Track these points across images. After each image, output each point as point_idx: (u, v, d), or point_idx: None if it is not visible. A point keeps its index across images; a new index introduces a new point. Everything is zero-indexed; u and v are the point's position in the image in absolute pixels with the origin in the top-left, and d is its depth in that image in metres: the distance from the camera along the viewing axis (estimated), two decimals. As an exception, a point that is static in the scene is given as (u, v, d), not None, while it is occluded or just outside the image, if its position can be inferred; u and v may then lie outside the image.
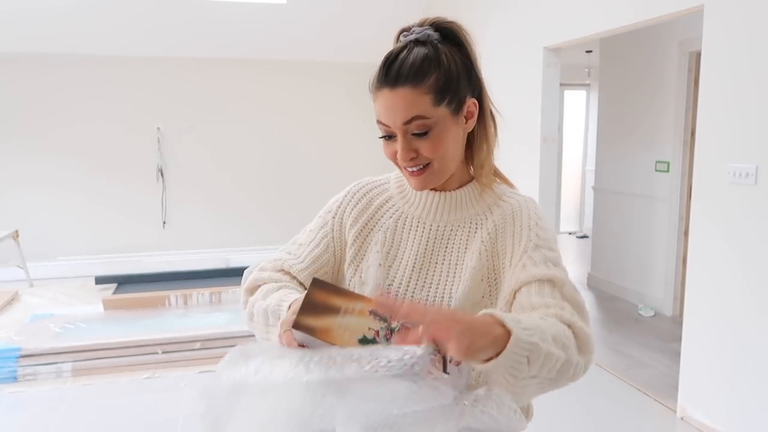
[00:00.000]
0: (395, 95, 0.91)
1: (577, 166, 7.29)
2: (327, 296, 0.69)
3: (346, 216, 1.09)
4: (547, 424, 2.55)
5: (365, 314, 0.70)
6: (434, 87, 0.91)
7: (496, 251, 0.98)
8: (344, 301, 0.70)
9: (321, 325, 0.68)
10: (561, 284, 0.91)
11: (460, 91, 0.95)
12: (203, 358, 3.14)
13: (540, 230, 0.97)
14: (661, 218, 4.05)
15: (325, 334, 0.68)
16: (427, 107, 0.91)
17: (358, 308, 0.70)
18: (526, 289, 0.91)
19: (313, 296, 0.69)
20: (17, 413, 2.67)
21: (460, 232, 1.02)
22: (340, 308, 0.69)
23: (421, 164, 0.95)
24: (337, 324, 0.69)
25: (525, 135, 3.66)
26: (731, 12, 2.26)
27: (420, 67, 0.91)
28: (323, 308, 0.69)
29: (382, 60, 0.95)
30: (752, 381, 2.26)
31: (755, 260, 2.22)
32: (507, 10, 3.82)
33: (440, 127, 0.93)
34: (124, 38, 4.90)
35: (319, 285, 0.70)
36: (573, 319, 0.85)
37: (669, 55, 3.89)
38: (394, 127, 0.93)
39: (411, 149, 0.94)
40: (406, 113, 0.91)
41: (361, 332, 0.69)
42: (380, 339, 0.69)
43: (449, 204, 1.03)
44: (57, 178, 5.15)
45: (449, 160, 0.97)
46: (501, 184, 1.06)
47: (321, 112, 5.68)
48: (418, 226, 1.04)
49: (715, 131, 2.36)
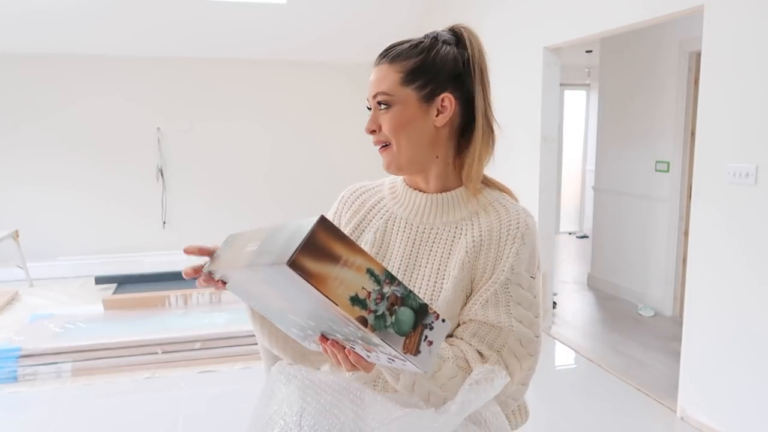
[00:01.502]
0: (376, 71, 0.99)
1: (577, 166, 7.29)
2: (331, 241, 0.64)
3: (342, 218, 1.11)
4: (547, 424, 2.55)
5: (362, 271, 0.66)
6: (407, 68, 0.96)
7: (477, 267, 0.98)
8: (346, 251, 0.65)
9: (317, 271, 0.63)
10: (507, 334, 0.95)
11: (436, 82, 0.97)
12: (203, 358, 3.15)
13: (518, 261, 0.96)
14: (661, 218, 4.05)
15: (320, 282, 0.63)
16: (393, 85, 0.96)
17: (358, 263, 0.66)
18: (472, 324, 0.96)
19: (317, 237, 0.63)
20: (17, 413, 2.67)
21: (445, 236, 1.01)
22: (341, 258, 0.64)
23: (381, 141, 1.00)
24: (334, 275, 0.64)
25: (525, 135, 3.66)
26: (731, 12, 2.26)
27: (404, 50, 0.97)
28: (324, 253, 0.63)
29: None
30: (752, 381, 2.26)
31: (755, 260, 2.22)
32: (507, 9, 3.82)
33: (401, 107, 0.96)
34: (124, 38, 4.90)
35: (324, 226, 0.63)
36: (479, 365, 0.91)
37: (669, 55, 3.89)
38: (369, 100, 1.00)
39: (374, 122, 0.99)
40: (376, 87, 0.98)
41: (355, 290, 0.65)
42: (370, 302, 0.66)
43: (436, 206, 1.03)
44: (57, 178, 5.15)
45: (410, 146, 0.98)
46: (494, 191, 1.05)
47: (321, 112, 5.68)
48: (406, 227, 1.05)
49: (714, 131, 2.36)
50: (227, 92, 5.46)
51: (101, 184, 5.25)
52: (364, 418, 0.82)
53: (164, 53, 5.20)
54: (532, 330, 0.96)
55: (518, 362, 0.95)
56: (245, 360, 3.14)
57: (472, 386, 0.80)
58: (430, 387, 0.89)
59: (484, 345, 0.95)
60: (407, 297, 0.68)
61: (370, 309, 0.66)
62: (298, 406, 0.86)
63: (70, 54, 5.02)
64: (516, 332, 0.95)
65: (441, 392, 0.89)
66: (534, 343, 0.97)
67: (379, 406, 0.83)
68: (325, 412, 0.84)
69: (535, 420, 1.12)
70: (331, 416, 0.83)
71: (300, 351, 1.03)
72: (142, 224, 5.39)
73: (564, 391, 2.95)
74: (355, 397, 0.85)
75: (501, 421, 0.93)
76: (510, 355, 0.95)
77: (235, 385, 2.92)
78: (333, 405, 0.84)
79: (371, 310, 0.66)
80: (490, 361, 0.93)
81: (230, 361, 3.14)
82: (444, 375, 0.89)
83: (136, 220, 5.37)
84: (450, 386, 0.89)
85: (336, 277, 0.64)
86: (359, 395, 0.86)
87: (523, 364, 0.95)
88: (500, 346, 0.95)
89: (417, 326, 0.68)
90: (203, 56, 5.31)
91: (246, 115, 5.52)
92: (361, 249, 0.66)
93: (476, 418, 0.89)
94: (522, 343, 0.95)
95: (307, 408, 0.85)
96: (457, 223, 1.02)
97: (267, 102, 5.56)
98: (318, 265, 0.62)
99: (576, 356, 3.34)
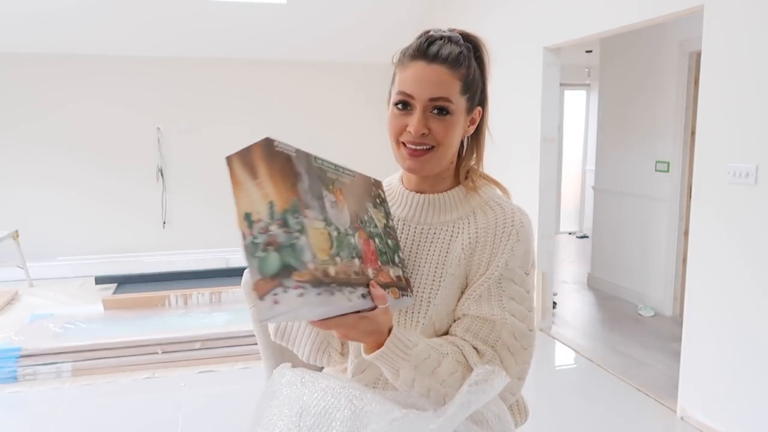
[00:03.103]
0: (431, 70, 0.94)
1: (577, 166, 7.29)
2: (260, 160, 0.72)
3: None
4: (547, 423, 2.55)
5: (265, 199, 0.71)
6: (464, 78, 0.96)
7: (472, 264, 1.00)
8: (266, 175, 0.72)
9: (238, 176, 0.72)
10: (501, 328, 0.96)
11: (476, 95, 1.00)
12: (203, 358, 3.15)
13: (512, 258, 0.98)
14: (661, 218, 4.05)
15: (235, 184, 0.72)
16: (455, 92, 0.95)
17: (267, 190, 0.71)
18: (465, 319, 0.97)
19: (253, 150, 0.72)
20: (17, 413, 2.68)
21: (443, 235, 1.03)
22: (258, 177, 0.72)
23: (427, 144, 0.97)
24: (247, 186, 0.72)
25: (525, 135, 3.65)
26: (731, 12, 2.26)
27: (458, 56, 0.95)
28: (250, 166, 0.72)
29: (421, 36, 0.98)
30: (752, 381, 2.26)
31: (755, 260, 2.22)
32: (507, 10, 3.82)
33: (457, 116, 0.97)
34: (124, 38, 4.90)
35: (264, 146, 0.72)
36: (476, 361, 0.94)
37: (669, 55, 3.89)
38: (418, 98, 0.95)
39: (426, 125, 0.96)
40: (438, 90, 0.94)
41: (251, 209, 0.72)
42: (255, 227, 0.71)
43: (434, 206, 1.05)
44: (57, 178, 5.15)
45: (450, 151, 1.00)
46: (490, 189, 1.07)
47: (321, 111, 5.68)
48: (404, 227, 1.06)
49: (714, 131, 2.36)
50: (227, 92, 5.46)
51: (101, 184, 5.25)
52: (363, 419, 0.82)
53: (164, 53, 5.20)
54: (526, 323, 0.98)
55: (512, 356, 0.96)
56: (245, 360, 3.14)
57: (471, 387, 0.80)
58: (431, 383, 0.89)
59: (479, 340, 0.96)
60: (286, 248, 0.69)
61: (252, 232, 0.70)
62: (298, 407, 0.86)
63: (70, 54, 5.02)
64: (509, 325, 0.96)
65: (441, 388, 0.90)
66: (527, 336, 0.98)
67: (379, 406, 0.83)
68: (325, 413, 0.84)
69: (535, 420, 1.12)
70: (331, 417, 0.83)
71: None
72: (142, 224, 5.39)
73: (564, 391, 2.95)
74: (354, 398, 0.86)
75: (505, 421, 0.93)
76: (504, 349, 0.96)
77: (235, 385, 2.92)
78: (332, 406, 0.85)
79: (252, 233, 0.70)
80: (485, 357, 0.94)
81: (230, 361, 3.14)
82: (444, 371, 0.90)
83: (136, 220, 5.37)
84: (450, 382, 0.90)
85: (246, 189, 0.71)
86: (359, 396, 0.86)
87: (517, 358, 0.96)
88: (494, 341, 0.96)
89: (275, 278, 0.68)
90: (203, 56, 5.31)
91: (246, 115, 5.52)
92: (287, 184, 0.71)
93: (478, 419, 0.90)
94: (516, 337, 0.96)
95: (306, 409, 0.85)
96: (454, 222, 1.03)
97: (267, 102, 5.55)
98: (241, 172, 0.72)
99: (576, 356, 3.34)
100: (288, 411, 0.86)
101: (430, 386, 0.90)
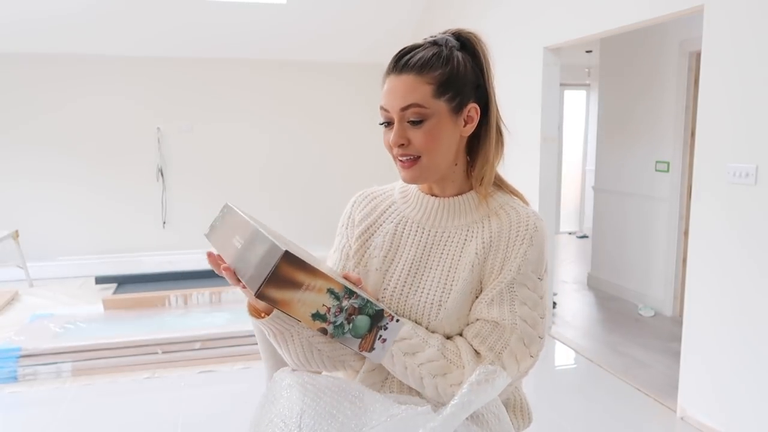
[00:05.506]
0: (399, 81, 0.95)
1: (577, 166, 7.29)
2: (293, 271, 0.75)
3: (354, 220, 1.12)
4: (547, 423, 2.55)
5: (323, 291, 0.77)
6: (437, 79, 0.94)
7: (485, 269, 0.99)
8: (307, 278, 0.76)
9: (282, 298, 0.75)
10: (510, 332, 0.95)
11: (463, 93, 0.97)
12: (203, 358, 3.15)
13: (525, 262, 0.97)
14: (661, 218, 4.05)
15: (285, 305, 0.75)
16: (426, 97, 0.94)
17: (318, 285, 0.77)
18: (477, 323, 0.98)
19: (280, 270, 0.74)
20: (17, 413, 2.67)
21: (456, 239, 1.02)
22: (303, 284, 0.75)
23: (410, 155, 0.97)
24: (297, 299, 0.76)
25: (525, 135, 3.65)
26: (731, 12, 2.26)
27: (428, 60, 0.94)
28: (287, 282, 0.75)
29: (397, 51, 0.98)
30: (752, 381, 2.26)
31: (755, 260, 2.22)
32: (507, 9, 3.82)
33: (435, 120, 0.95)
34: (124, 38, 4.90)
35: (288, 259, 0.74)
36: (469, 359, 0.95)
37: (669, 55, 3.89)
38: (392, 111, 0.96)
39: (403, 136, 0.96)
40: (405, 99, 0.94)
41: (316, 308, 0.77)
42: (330, 315, 0.78)
43: (448, 210, 1.04)
44: (57, 178, 5.15)
45: (440, 158, 0.98)
46: (504, 194, 1.06)
47: (321, 112, 5.68)
48: (417, 230, 1.05)
49: (714, 131, 2.36)
50: (227, 92, 5.46)
51: (101, 184, 5.25)
52: (363, 418, 0.82)
53: (164, 53, 5.20)
54: (536, 330, 0.97)
55: (517, 365, 0.95)
56: (245, 360, 3.15)
57: (471, 387, 0.80)
58: (407, 360, 0.93)
59: (485, 346, 0.95)
60: (364, 306, 0.81)
61: (330, 321, 0.79)
62: (299, 408, 0.86)
63: (70, 54, 5.02)
64: (519, 330, 0.95)
65: (417, 369, 0.93)
66: (536, 343, 0.97)
67: (378, 405, 0.84)
68: (325, 414, 0.84)
69: (535, 420, 1.12)
70: (331, 417, 0.83)
71: (335, 357, 1.02)
72: (142, 224, 5.39)
73: (564, 391, 2.95)
74: (354, 398, 0.86)
75: (504, 422, 0.93)
76: (510, 357, 0.95)
77: (235, 385, 2.92)
78: (332, 406, 0.85)
79: (330, 321, 0.79)
80: (485, 361, 0.94)
81: (230, 361, 3.14)
82: (424, 355, 0.94)
83: (136, 220, 5.37)
84: (429, 368, 0.93)
85: (299, 300, 0.76)
86: (359, 396, 0.86)
87: (521, 366, 0.96)
88: (501, 348, 0.95)
89: (372, 329, 0.82)
90: (203, 56, 5.31)
91: (246, 115, 5.52)
92: (323, 273, 0.77)
93: (478, 419, 0.90)
94: (525, 342, 0.95)
95: (306, 410, 0.85)
96: (468, 226, 1.02)
97: (267, 102, 5.55)
98: (282, 293, 0.75)
99: (576, 356, 3.34)
100: (288, 412, 0.87)
101: (406, 363, 0.94)
